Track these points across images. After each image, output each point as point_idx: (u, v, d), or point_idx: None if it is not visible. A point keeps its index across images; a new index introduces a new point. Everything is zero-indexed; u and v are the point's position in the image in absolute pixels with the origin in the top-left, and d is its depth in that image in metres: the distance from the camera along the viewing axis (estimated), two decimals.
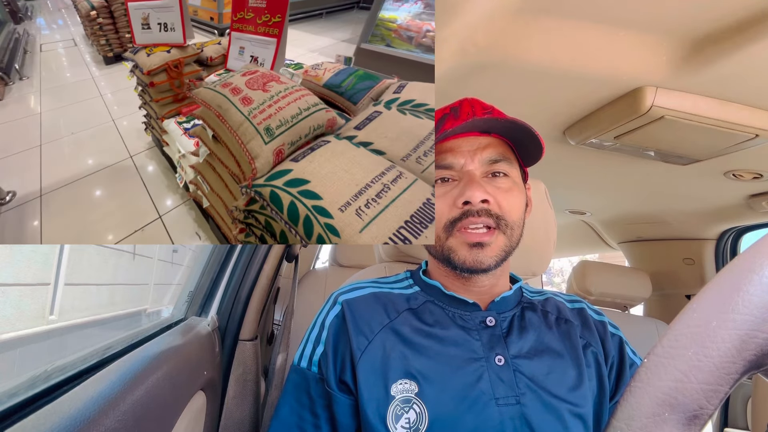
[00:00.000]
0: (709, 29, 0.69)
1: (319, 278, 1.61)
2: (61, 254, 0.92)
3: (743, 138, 0.90)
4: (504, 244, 0.56)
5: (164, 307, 1.02)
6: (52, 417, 0.35)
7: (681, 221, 1.69)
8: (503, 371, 0.54)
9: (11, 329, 0.73)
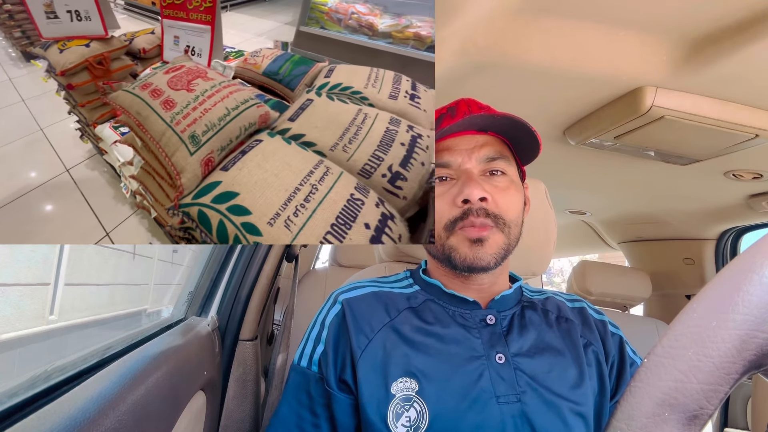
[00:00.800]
0: (709, 29, 0.69)
1: (319, 278, 1.61)
2: (61, 254, 0.92)
3: (743, 138, 0.90)
4: (502, 242, 0.56)
5: (164, 307, 1.02)
6: (52, 417, 0.35)
7: (681, 221, 1.69)
8: (504, 369, 0.54)
9: (11, 329, 0.73)
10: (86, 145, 1.58)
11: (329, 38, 1.65)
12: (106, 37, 1.26)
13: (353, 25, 1.61)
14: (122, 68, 1.31)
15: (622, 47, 0.75)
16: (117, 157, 1.17)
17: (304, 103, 0.88)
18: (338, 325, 0.58)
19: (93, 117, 1.29)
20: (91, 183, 1.45)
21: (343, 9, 1.64)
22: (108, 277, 1.19)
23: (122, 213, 1.29)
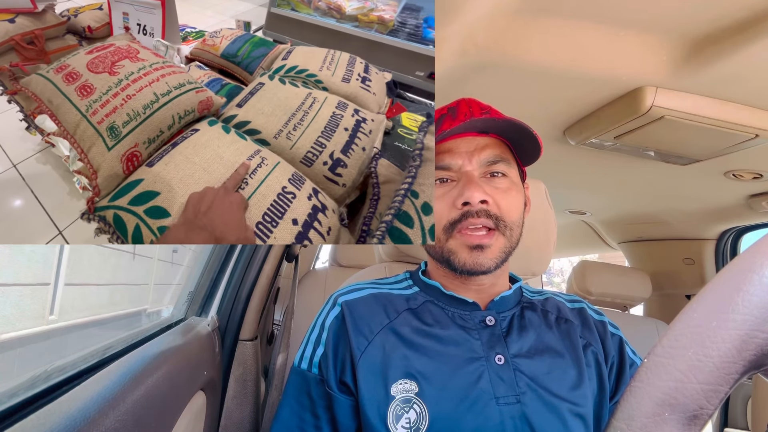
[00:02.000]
0: (709, 29, 0.69)
1: (319, 278, 1.61)
2: (61, 254, 0.92)
3: (743, 138, 0.90)
4: (504, 246, 0.56)
5: (164, 307, 1.02)
6: (52, 417, 0.35)
7: (681, 221, 1.69)
8: (503, 370, 0.54)
9: (11, 329, 0.73)
10: (35, 137, 1.37)
11: (300, 21, 1.62)
12: (35, 11, 1.07)
13: (322, 8, 1.59)
14: (62, 49, 1.11)
15: (622, 47, 0.75)
16: (62, 150, 1.06)
17: (254, 87, 0.83)
18: (338, 328, 0.58)
19: (31, 106, 1.09)
20: (43, 179, 1.29)
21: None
22: (108, 277, 1.19)
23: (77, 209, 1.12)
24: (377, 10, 1.51)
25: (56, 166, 1.31)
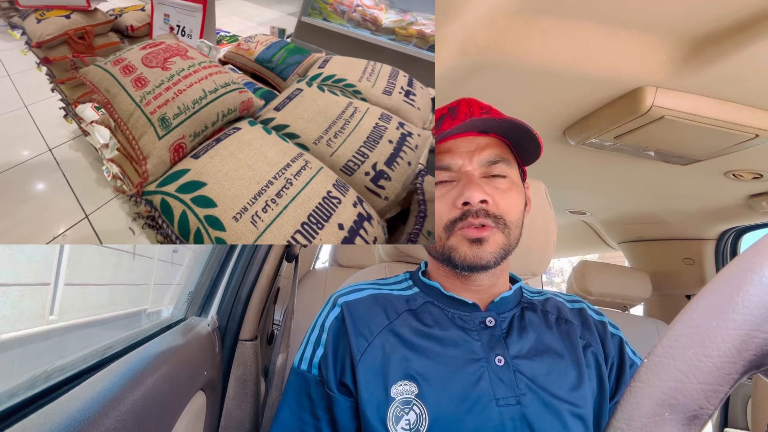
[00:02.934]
0: (709, 29, 0.69)
1: (319, 278, 1.61)
2: (61, 254, 0.92)
3: (743, 138, 0.90)
4: (502, 242, 0.56)
5: (164, 307, 1.02)
6: (52, 417, 0.35)
7: (681, 221, 1.69)
8: (503, 372, 0.54)
9: (11, 329, 0.73)
10: (70, 125, 1.50)
11: (331, 31, 1.61)
12: (88, 9, 1.17)
13: (357, 18, 1.57)
14: (107, 45, 1.20)
15: (622, 47, 0.75)
16: (98, 139, 1.11)
17: (292, 92, 0.84)
18: (338, 329, 0.58)
19: (74, 95, 1.19)
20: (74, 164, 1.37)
21: (348, 1, 1.62)
22: (108, 277, 1.19)
23: (103, 196, 1.24)
24: (417, 23, 1.48)
25: (86, 153, 1.39)
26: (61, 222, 1.14)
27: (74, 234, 1.14)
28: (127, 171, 0.84)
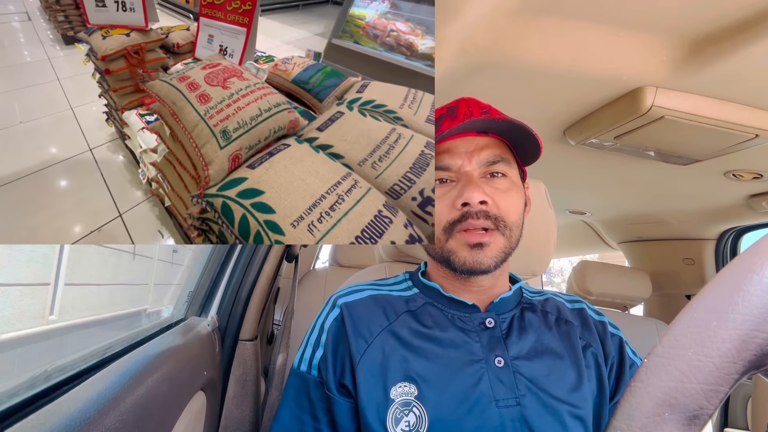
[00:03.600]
0: (709, 29, 0.69)
1: (319, 278, 1.62)
2: (61, 254, 0.92)
3: (743, 138, 0.90)
4: (503, 245, 0.56)
5: (164, 307, 1.02)
6: (52, 417, 0.35)
7: (681, 221, 1.69)
8: (503, 373, 0.54)
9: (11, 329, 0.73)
10: (110, 128, 1.69)
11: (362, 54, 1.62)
12: (145, 29, 1.35)
13: (391, 43, 1.57)
14: (155, 60, 1.39)
15: (622, 47, 0.75)
16: (139, 143, 1.23)
17: (334, 114, 0.87)
18: (337, 330, 0.58)
19: (122, 102, 1.37)
20: (110, 165, 1.53)
21: (382, 25, 1.61)
22: (108, 277, 1.19)
23: (135, 198, 1.39)
24: None
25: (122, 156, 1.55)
26: (98, 217, 1.29)
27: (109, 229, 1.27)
28: (169, 176, 0.94)
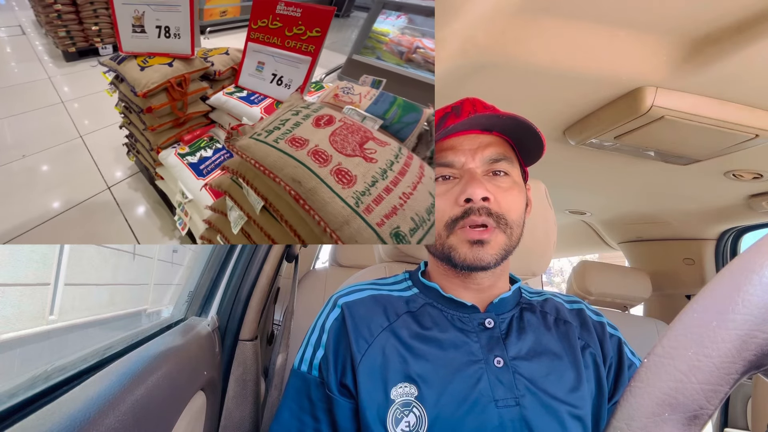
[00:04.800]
0: (709, 29, 0.69)
1: (319, 278, 1.61)
2: (61, 254, 0.92)
3: (743, 138, 0.90)
4: (504, 243, 0.56)
5: (164, 307, 1.02)
6: (52, 417, 0.35)
7: (681, 221, 1.69)
8: (502, 373, 0.54)
9: (11, 329, 0.73)
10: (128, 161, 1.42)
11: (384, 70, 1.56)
12: (191, 57, 1.16)
13: (417, 60, 1.53)
14: (197, 91, 1.21)
15: (622, 47, 0.75)
16: (182, 189, 1.06)
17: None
18: (338, 330, 0.58)
19: (158, 141, 1.17)
20: (135, 209, 1.26)
21: (407, 42, 1.57)
22: (108, 277, 1.19)
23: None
24: None
25: (146, 195, 1.30)
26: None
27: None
28: (230, 237, 0.75)
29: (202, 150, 1.15)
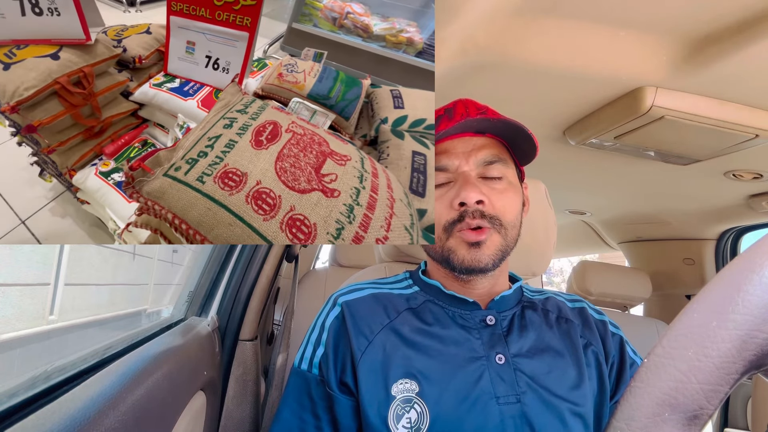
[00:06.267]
0: (709, 29, 0.69)
1: (319, 278, 1.61)
2: (61, 254, 0.92)
3: (743, 138, 0.90)
4: (500, 244, 0.56)
5: (164, 307, 1.02)
6: (52, 417, 0.35)
7: (681, 221, 1.69)
8: (504, 370, 0.54)
9: (11, 329, 0.73)
10: (46, 183, 1.07)
11: (322, 38, 1.59)
12: (87, 41, 0.79)
13: (348, 26, 1.56)
14: (110, 88, 0.87)
15: (622, 47, 0.75)
16: (110, 217, 0.84)
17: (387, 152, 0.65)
18: (338, 328, 0.58)
19: (68, 161, 0.86)
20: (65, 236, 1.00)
21: (339, 7, 1.59)
22: (108, 277, 1.19)
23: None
24: (405, 31, 1.49)
25: (78, 218, 1.00)
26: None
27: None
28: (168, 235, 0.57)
29: (124, 165, 0.89)
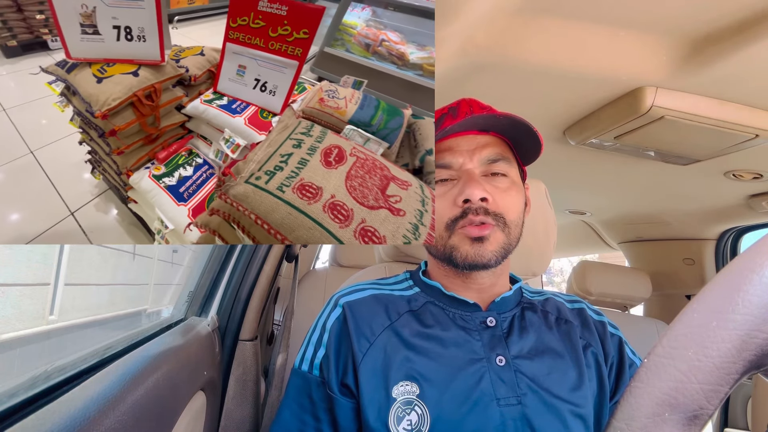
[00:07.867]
0: (709, 29, 0.69)
1: (319, 278, 1.61)
2: (61, 254, 0.92)
3: (743, 138, 0.90)
4: (502, 241, 0.56)
5: (164, 307, 1.02)
6: (52, 417, 0.35)
7: (681, 221, 1.69)
8: (504, 372, 0.54)
9: (11, 329, 0.73)
10: (93, 179, 1.21)
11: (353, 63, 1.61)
12: (161, 63, 0.94)
13: (382, 53, 1.57)
14: (171, 101, 1.00)
15: (622, 47, 0.75)
16: (159, 217, 0.94)
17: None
18: (339, 329, 0.58)
19: (128, 163, 0.99)
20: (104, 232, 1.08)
21: (374, 35, 1.61)
22: (108, 277, 1.19)
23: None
24: None
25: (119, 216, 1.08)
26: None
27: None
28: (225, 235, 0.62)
29: (180, 168, 0.99)
